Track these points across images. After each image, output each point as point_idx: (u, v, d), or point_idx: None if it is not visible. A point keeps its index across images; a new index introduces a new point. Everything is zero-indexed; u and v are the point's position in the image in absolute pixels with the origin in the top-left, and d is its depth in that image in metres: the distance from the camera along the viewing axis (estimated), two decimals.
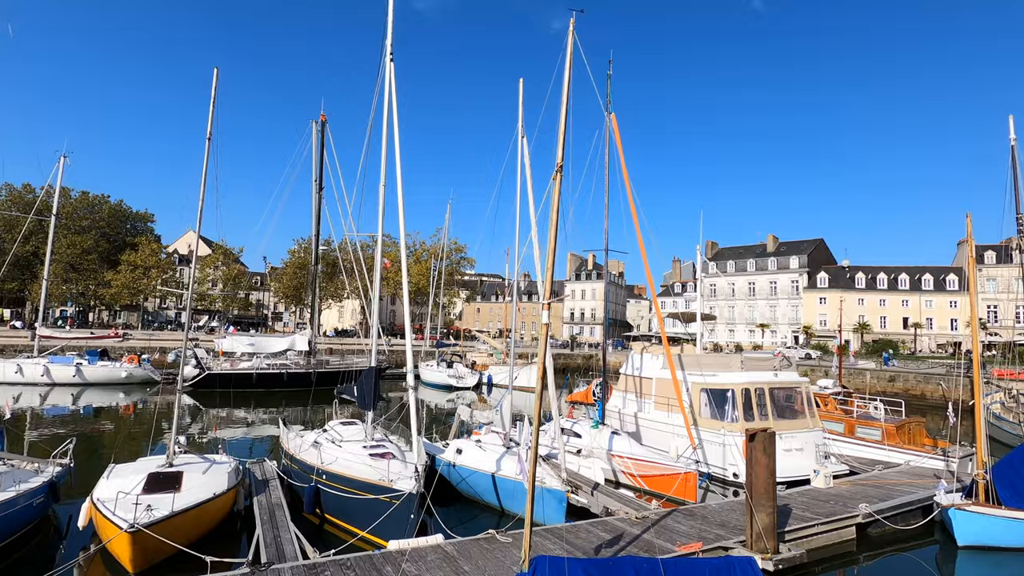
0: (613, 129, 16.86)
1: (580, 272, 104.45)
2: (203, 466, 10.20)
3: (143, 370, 33.70)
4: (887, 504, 11.42)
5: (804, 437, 15.32)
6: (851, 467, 15.49)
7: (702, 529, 9.75)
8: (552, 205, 6.50)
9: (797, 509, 11.11)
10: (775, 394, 15.75)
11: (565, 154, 6.58)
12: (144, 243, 75.47)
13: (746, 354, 18.50)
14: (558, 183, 6.55)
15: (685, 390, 16.46)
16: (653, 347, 19.94)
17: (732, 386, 15.20)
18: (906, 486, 13.09)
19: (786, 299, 78.91)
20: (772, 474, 8.76)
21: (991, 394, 26.48)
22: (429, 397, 39.33)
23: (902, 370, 41.75)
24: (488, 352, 46.35)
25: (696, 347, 18.14)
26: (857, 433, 17.14)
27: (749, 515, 8.82)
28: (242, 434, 23.15)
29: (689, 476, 12.61)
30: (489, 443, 13.19)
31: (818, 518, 10.58)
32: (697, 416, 15.85)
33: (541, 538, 9.01)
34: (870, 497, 12.19)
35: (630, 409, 18.53)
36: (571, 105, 6.60)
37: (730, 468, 14.63)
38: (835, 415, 17.86)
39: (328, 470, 10.52)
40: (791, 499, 11.87)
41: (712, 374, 15.98)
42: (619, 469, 14.18)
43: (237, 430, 24.39)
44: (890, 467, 15.38)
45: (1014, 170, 25.29)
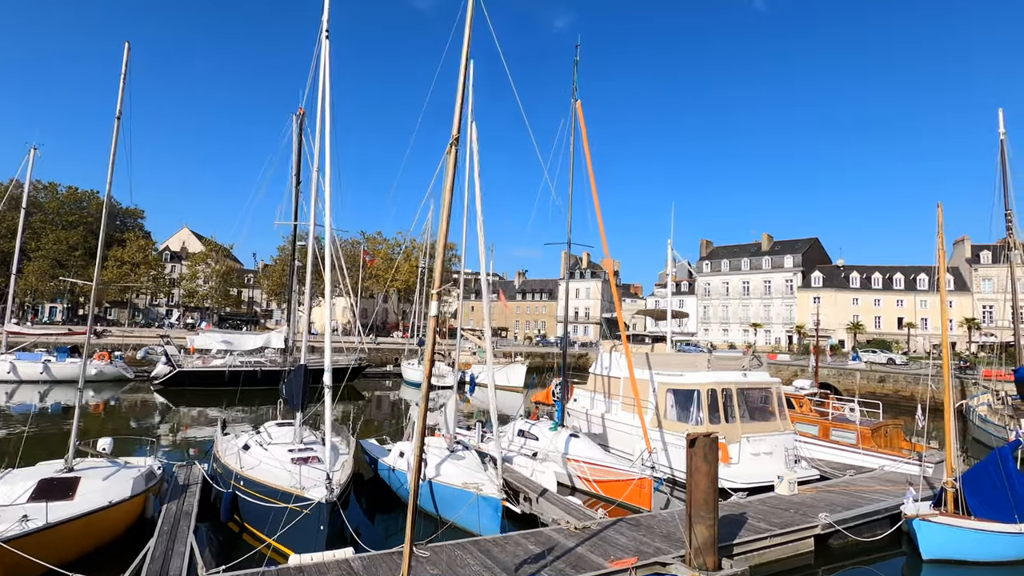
0: (578, 116, 16.09)
1: (574, 271, 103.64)
2: (106, 471, 9.45)
3: (114, 367, 32.95)
4: (850, 513, 10.68)
5: (773, 440, 14.60)
6: (822, 472, 14.76)
7: (643, 542, 9.00)
8: (445, 183, 5.75)
9: (753, 519, 10.36)
10: (744, 395, 15.03)
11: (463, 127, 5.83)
12: (132, 239, 74.68)
13: (718, 353, 17.75)
14: (452, 157, 5.79)
15: (651, 390, 15.75)
16: (622, 345, 19.20)
17: (698, 386, 14.49)
18: (876, 493, 12.35)
19: (780, 298, 78.18)
20: (713, 483, 8.01)
21: (978, 396, 25.75)
22: (410, 396, 38.58)
23: (892, 371, 41.01)
24: (471, 351, 45.58)
25: (667, 345, 17.41)
26: (832, 436, 16.40)
27: (688, 528, 8.08)
28: (199, 434, 22.44)
29: (644, 482, 11.86)
30: (433, 446, 12.44)
31: (773, 529, 9.83)
32: (663, 418, 15.14)
33: (462, 552, 8.26)
34: (835, 505, 11.45)
35: (598, 410, 17.81)
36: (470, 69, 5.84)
37: None
38: (810, 417, 17.12)
39: (245, 475, 9.80)
40: (749, 507, 11.12)
41: (678, 374, 15.27)
42: (575, 474, 13.45)
43: (202, 430, 23.69)
44: (863, 472, 14.65)
45: (1003, 165, 24.61)
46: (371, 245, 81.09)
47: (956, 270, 71.83)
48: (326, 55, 11.33)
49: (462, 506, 10.17)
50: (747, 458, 14.17)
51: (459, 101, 5.84)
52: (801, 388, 19.16)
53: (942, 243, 10.88)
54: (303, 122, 36.82)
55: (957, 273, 71.12)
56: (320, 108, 11.22)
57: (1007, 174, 24.36)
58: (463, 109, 5.85)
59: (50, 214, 78.14)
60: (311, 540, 8.22)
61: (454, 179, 5.76)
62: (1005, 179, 24.44)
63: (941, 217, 10.90)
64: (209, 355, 34.19)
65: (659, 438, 14.97)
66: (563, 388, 16.37)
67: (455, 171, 5.78)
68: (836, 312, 72.40)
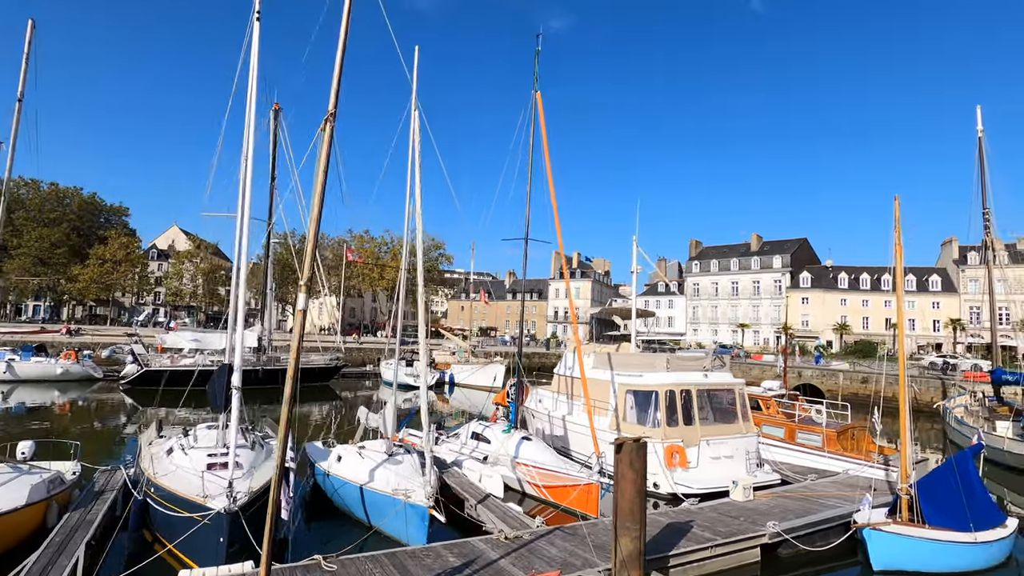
0: (538, 108, 15.55)
1: None
2: (2, 478, 8.83)
3: (81, 367, 32.17)
4: (800, 521, 10.18)
5: (735, 443, 14.11)
6: (783, 476, 14.27)
7: (574, 553, 8.47)
8: (319, 162, 5.19)
9: (699, 527, 9.85)
10: (705, 396, 14.53)
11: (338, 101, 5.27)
12: (114, 236, 73.61)
13: (682, 353, 17.25)
14: (328, 133, 5.24)
15: (612, 392, 15.24)
16: (587, 345, 18.68)
17: (656, 388, 13.98)
18: (835, 499, 11.86)
19: (769, 299, 77.94)
20: (640, 492, 7.48)
21: (954, 397, 25.38)
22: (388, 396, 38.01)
23: (875, 371, 40.63)
24: (451, 351, 45.00)
25: (631, 345, 16.90)
26: (797, 439, 15.93)
27: (613, 540, 7.55)
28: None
29: (591, 487, 11.33)
30: (372, 450, 11.88)
31: (716, 538, 9.31)
32: (621, 420, 14.62)
33: (373, 565, 7.71)
34: (788, 512, 10.96)
35: (560, 412, 17.30)
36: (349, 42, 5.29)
37: (651, 478, 13.36)
38: (776, 419, 16.64)
39: (156, 481, 9.20)
40: (697, 515, 10.61)
41: (638, 375, 14.75)
42: (524, 478, 12.91)
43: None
44: (826, 476, 14.17)
45: (981, 163, 24.23)
46: (358, 244, 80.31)
47: (944, 271, 71.80)
48: (256, 38, 10.75)
49: (390, 513, 9.63)
50: (706, 462, 13.67)
51: (337, 71, 5.29)
52: (769, 389, 18.68)
53: (899, 237, 10.40)
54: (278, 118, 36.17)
55: (945, 274, 71.08)
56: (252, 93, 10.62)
57: (985, 172, 24.01)
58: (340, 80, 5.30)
59: (32, 211, 77.03)
60: (211, 553, 7.64)
61: (328, 158, 5.20)
62: (983, 177, 24.09)
63: (898, 211, 10.42)
64: (181, 354, 33.49)
65: None
66: (518, 390, 15.82)
67: (329, 149, 5.22)
68: (824, 313, 72.22)
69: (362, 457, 11.34)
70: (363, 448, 11.88)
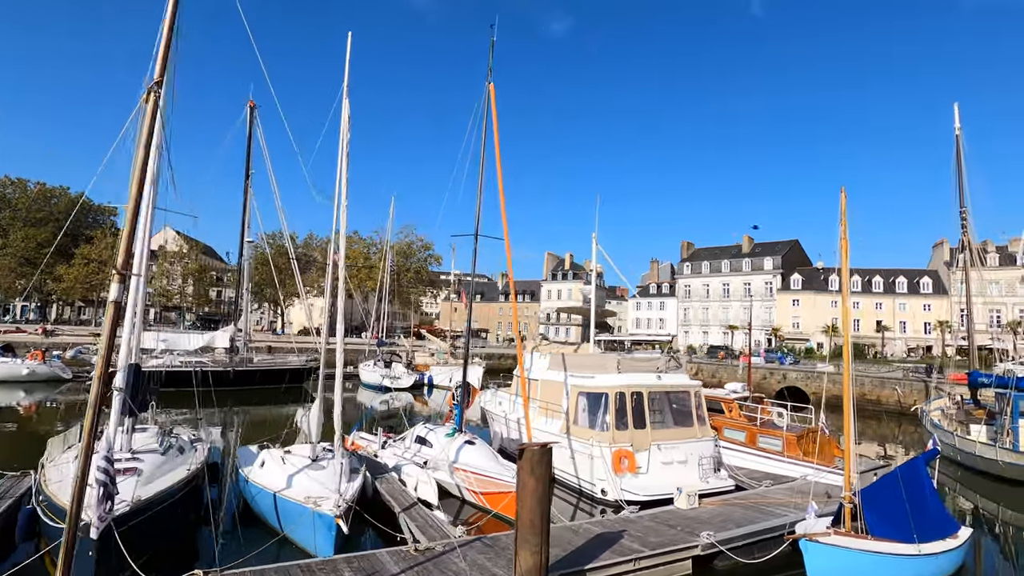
0: (491, 100, 15.01)
1: (557, 272, 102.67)
2: None
3: (49, 367, 31.57)
4: (738, 531, 9.62)
5: (688, 448, 13.54)
6: (739, 482, 13.72)
7: (483, 568, 7.91)
8: (139, 138, 4.64)
9: (630, 537, 9.28)
10: (658, 399, 13.98)
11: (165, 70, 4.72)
12: (99, 236, 72.88)
13: (639, 354, 16.71)
14: (150, 105, 4.69)
15: (565, 394, 14.69)
16: (544, 345, 18.16)
17: (606, 390, 13.43)
18: (784, 507, 11.30)
19: (760, 301, 77.39)
20: (542, 502, 6.92)
21: (932, 400, 24.86)
22: (366, 398, 37.35)
23: (857, 374, 40.11)
24: (431, 352, 44.43)
25: (590, 346, 16.36)
26: (758, 443, 15.38)
27: (515, 555, 6.99)
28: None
29: None
30: (298, 455, 11.32)
31: (644, 550, 8.75)
32: (572, 423, 14.07)
33: None
34: (731, 521, 10.40)
35: (517, 414, 16.74)
36: None
37: (598, 484, 12.83)
38: (738, 422, 16.09)
39: (45, 490, 8.64)
40: (633, 524, 10.05)
41: (590, 376, 14.20)
42: (463, 484, 12.35)
43: None
44: (784, 482, 13.61)
45: (959, 162, 23.76)
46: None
47: (935, 273, 71.38)
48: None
49: (300, 522, 9.07)
50: (657, 467, 13.11)
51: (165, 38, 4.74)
52: (733, 391, 18.14)
53: (844, 231, 9.86)
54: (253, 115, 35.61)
55: (936, 276, 70.65)
56: None
57: (962, 171, 23.53)
58: (169, 49, 4.75)
59: (19, 211, 76.45)
60: (81, 571, 7.05)
61: (151, 131, 4.66)
62: (960, 176, 23.61)
63: (844, 204, 9.89)
64: (150, 355, 32.89)
65: (567, 445, 13.90)
66: (463, 392, 15.26)
67: (152, 122, 4.67)
68: (815, 315, 71.71)
69: (284, 463, 10.78)
70: (288, 453, 11.32)
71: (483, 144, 15.29)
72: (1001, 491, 16.76)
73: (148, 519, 8.47)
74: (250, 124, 35.69)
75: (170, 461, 10.12)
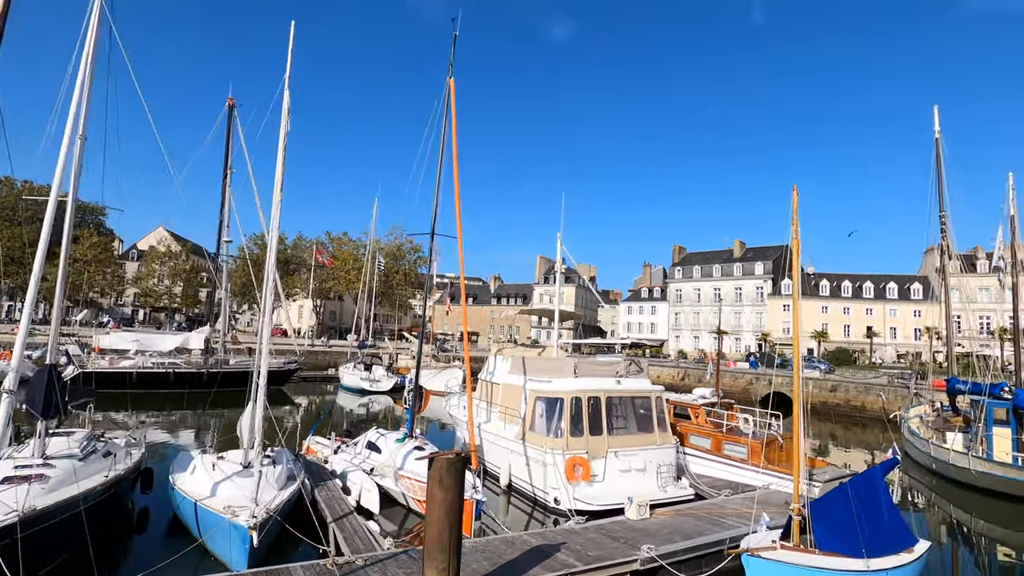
0: (450, 95, 14.60)
1: (549, 275, 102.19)
2: None
3: None
4: (683, 544, 9.16)
5: (648, 456, 13.11)
6: (699, 491, 13.28)
7: None
8: None
9: (567, 551, 8.82)
10: (616, 404, 13.53)
11: None
12: (84, 236, 72.18)
13: (602, 358, 16.27)
14: None
15: (524, 398, 14.23)
16: (508, 348, 17.71)
17: (562, 394, 12.97)
18: (739, 518, 10.86)
19: (751, 305, 77.18)
20: (451, 515, 6.46)
21: (911, 407, 24.47)
22: (345, 402, 36.77)
23: (843, 380, 39.80)
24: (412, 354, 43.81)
25: (554, 349, 15.91)
26: (724, 450, 14.93)
27: (422, 572, 6.52)
28: None
29: (466, 504, 10.25)
30: (231, 461, 10.83)
31: (578, 565, 8.29)
32: (529, 429, 13.61)
33: None
34: (682, 533, 9.95)
35: (478, 419, 16.27)
36: None
37: (551, 493, 12.37)
38: (704, 429, 15.65)
39: None
40: (576, 536, 9.58)
41: (547, 380, 13.75)
42: (407, 493, 11.87)
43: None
44: (745, 491, 13.16)
45: (938, 165, 23.45)
46: (336, 246, 79.14)
47: (925, 279, 71.17)
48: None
49: (217, 533, 8.58)
50: (614, 475, 12.66)
51: None
52: (702, 396, 17.70)
53: (796, 231, 9.46)
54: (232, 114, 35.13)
55: (926, 282, 70.42)
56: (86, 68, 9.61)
57: (942, 175, 23.22)
58: None
59: (5, 209, 75.74)
60: None
61: None
62: (940, 180, 23.29)
63: (796, 201, 9.48)
64: (125, 355, 32.29)
65: (522, 452, 13.45)
66: (415, 396, 14.80)
67: None
68: (806, 320, 71.32)
69: (213, 469, 10.28)
70: (221, 459, 10.82)
71: (442, 139, 14.87)
72: (974, 502, 16.34)
73: (53, 527, 7.99)
74: (230, 122, 35.32)
75: (89, 467, 9.63)
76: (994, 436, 16.36)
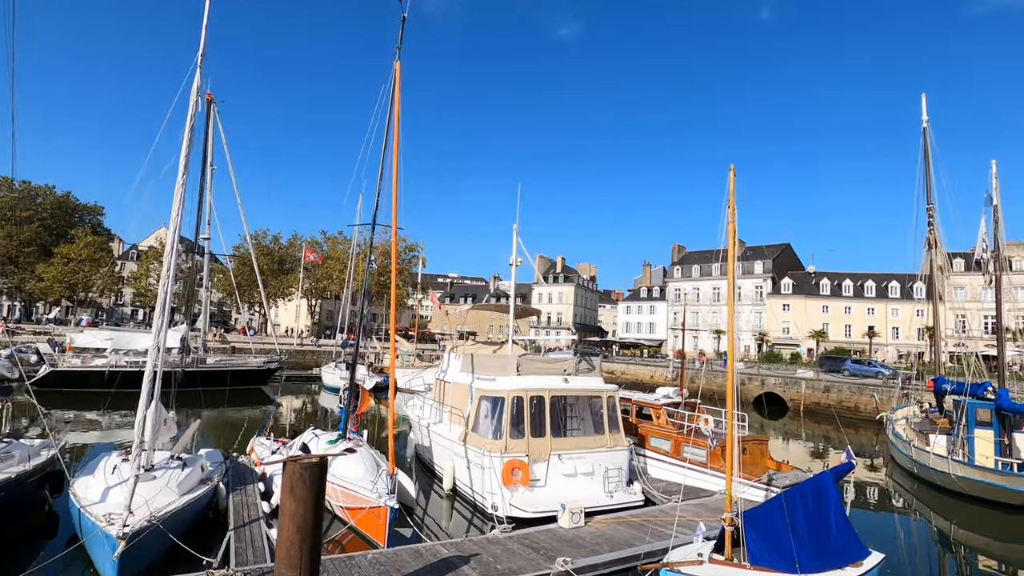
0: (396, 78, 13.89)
1: (548, 275, 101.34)
2: None
3: None
4: (601, 558, 8.39)
5: (595, 458, 12.32)
6: (650, 496, 12.49)
7: None
8: None
9: (477, 564, 8.08)
10: (562, 404, 12.76)
11: None
12: (80, 235, 72.18)
13: (554, 355, 15.49)
14: None
15: (470, 397, 13.48)
16: (464, 346, 16.98)
17: (503, 393, 12.22)
18: (685, 527, 10.04)
19: (750, 305, 75.97)
20: (303, 528, 5.72)
21: (898, 408, 23.49)
22: (328, 401, 36.21)
23: (837, 380, 38.72)
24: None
25: (508, 346, 15.15)
26: (684, 453, 14.11)
27: None
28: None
29: (379, 511, 9.56)
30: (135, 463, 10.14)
31: None
32: (470, 430, 12.86)
33: None
34: (612, 543, 9.18)
35: (428, 420, 15.59)
36: None
37: (489, 498, 11.61)
38: (664, 430, 14.83)
39: None
40: (493, 547, 8.83)
41: (491, 378, 12.99)
42: (329, 498, 11.15)
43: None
44: (700, 497, 12.36)
45: (926, 155, 22.48)
46: (331, 245, 78.80)
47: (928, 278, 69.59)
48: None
49: (94, 541, 7.91)
50: (557, 480, 11.90)
51: None
52: (666, 396, 16.88)
53: (733, 214, 8.65)
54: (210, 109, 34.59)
55: (929, 281, 68.87)
56: None
57: (930, 165, 22.26)
58: None
59: (3, 208, 75.94)
60: None
61: None
62: (928, 170, 22.35)
63: (733, 182, 8.69)
64: (101, 354, 31.84)
65: (463, 454, 12.71)
66: (350, 394, 14.08)
67: None
68: (806, 319, 70.12)
69: (112, 472, 9.61)
70: (125, 460, 10.14)
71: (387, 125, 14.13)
72: (956, 508, 15.40)
73: None
74: (208, 118, 34.77)
75: None
76: (975, 439, 15.43)
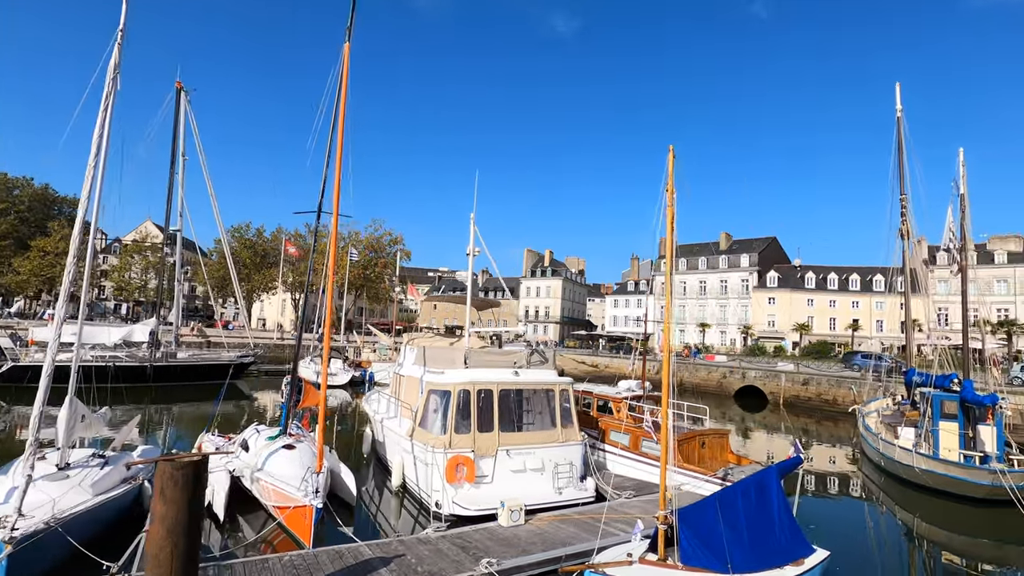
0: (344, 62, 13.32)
1: (536, 269, 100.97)
2: None
3: None
4: (530, 559, 7.99)
5: (546, 454, 11.92)
6: (602, 492, 12.11)
7: None
8: None
9: (398, 566, 7.67)
10: (512, 398, 12.34)
11: None
12: (57, 228, 70.84)
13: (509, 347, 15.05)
14: None
15: (420, 391, 13.03)
16: (421, 338, 16.52)
17: (450, 387, 11.78)
18: (629, 525, 9.68)
19: (736, 298, 75.97)
20: (174, 532, 5.25)
21: (870, 400, 23.32)
22: None
23: (816, 373, 38.64)
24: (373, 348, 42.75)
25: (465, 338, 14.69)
26: (642, 447, 13.77)
27: None
28: None
29: (304, 511, 9.11)
30: (50, 462, 9.67)
31: None
32: (418, 425, 12.42)
33: None
34: (549, 543, 8.79)
35: (382, 415, 15.15)
36: None
37: (433, 496, 11.18)
38: (624, 424, 14.46)
39: None
40: (421, 547, 8.42)
41: (440, 372, 12.55)
42: (261, 496, 10.71)
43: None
44: (655, 492, 11.99)
45: (899, 145, 22.20)
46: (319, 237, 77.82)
47: (912, 271, 69.87)
48: None
49: None
50: (504, 476, 11.49)
51: None
52: (628, 389, 16.51)
53: (671, 198, 8.20)
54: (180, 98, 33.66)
55: (913, 274, 69.14)
56: None
57: (903, 155, 21.99)
58: None
59: None
60: None
61: None
62: (901, 160, 22.07)
63: (672, 164, 8.23)
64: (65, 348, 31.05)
65: (411, 450, 12.28)
66: (291, 388, 13.61)
67: None
68: (791, 313, 70.19)
69: (12, 475, 9.11)
70: (43, 459, 9.66)
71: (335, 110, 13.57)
72: (920, 502, 15.17)
73: None
74: (177, 107, 33.89)
75: None
76: (940, 431, 15.19)
